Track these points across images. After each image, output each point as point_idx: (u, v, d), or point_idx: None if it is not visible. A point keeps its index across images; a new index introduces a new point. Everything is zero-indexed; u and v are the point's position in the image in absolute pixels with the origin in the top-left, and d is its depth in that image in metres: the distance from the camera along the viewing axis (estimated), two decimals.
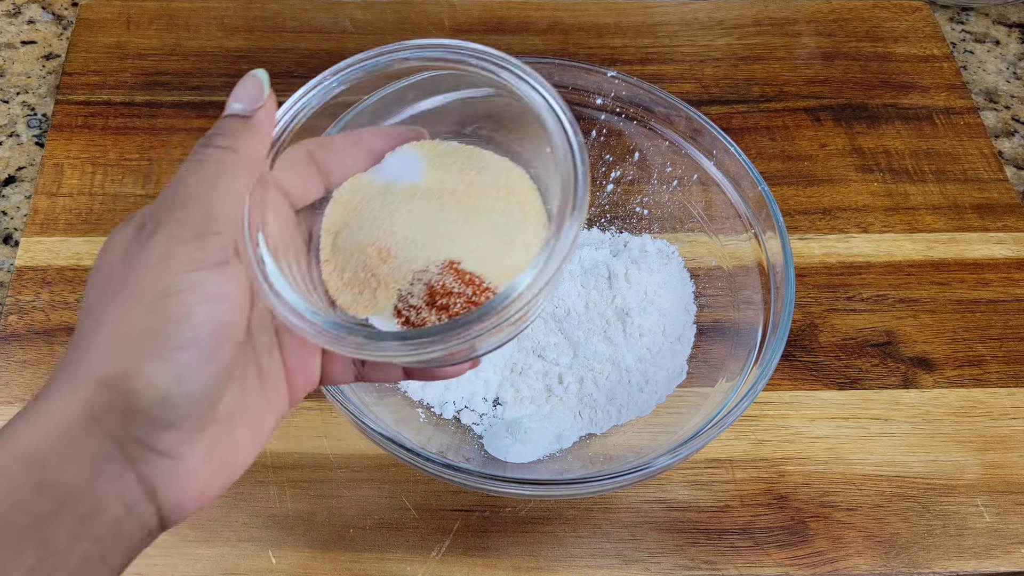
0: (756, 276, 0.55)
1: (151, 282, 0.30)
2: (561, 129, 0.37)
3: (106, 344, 0.30)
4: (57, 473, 0.29)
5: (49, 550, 0.28)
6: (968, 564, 0.52)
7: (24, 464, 0.29)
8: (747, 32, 0.77)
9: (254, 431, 0.34)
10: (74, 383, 0.30)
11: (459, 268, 0.39)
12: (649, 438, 0.53)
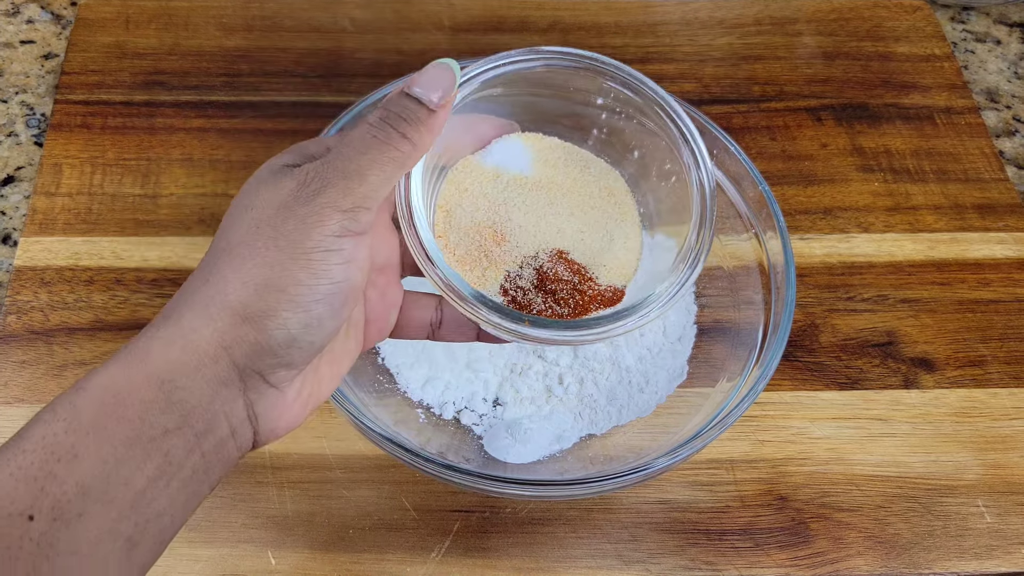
0: (757, 276, 0.55)
1: (305, 237, 0.34)
2: (696, 163, 0.44)
3: (251, 283, 0.33)
4: (184, 392, 0.32)
5: (168, 461, 0.32)
6: (969, 565, 0.52)
7: (156, 383, 0.32)
8: (748, 31, 0.77)
9: (335, 371, 0.39)
10: (211, 314, 0.33)
11: (568, 258, 0.43)
12: (649, 439, 0.53)
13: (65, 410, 0.31)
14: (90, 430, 0.30)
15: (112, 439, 0.30)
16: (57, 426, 0.30)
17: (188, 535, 0.51)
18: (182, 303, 0.34)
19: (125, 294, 0.60)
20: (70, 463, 0.30)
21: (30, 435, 0.30)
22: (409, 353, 0.56)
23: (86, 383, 0.32)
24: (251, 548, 0.51)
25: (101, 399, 0.31)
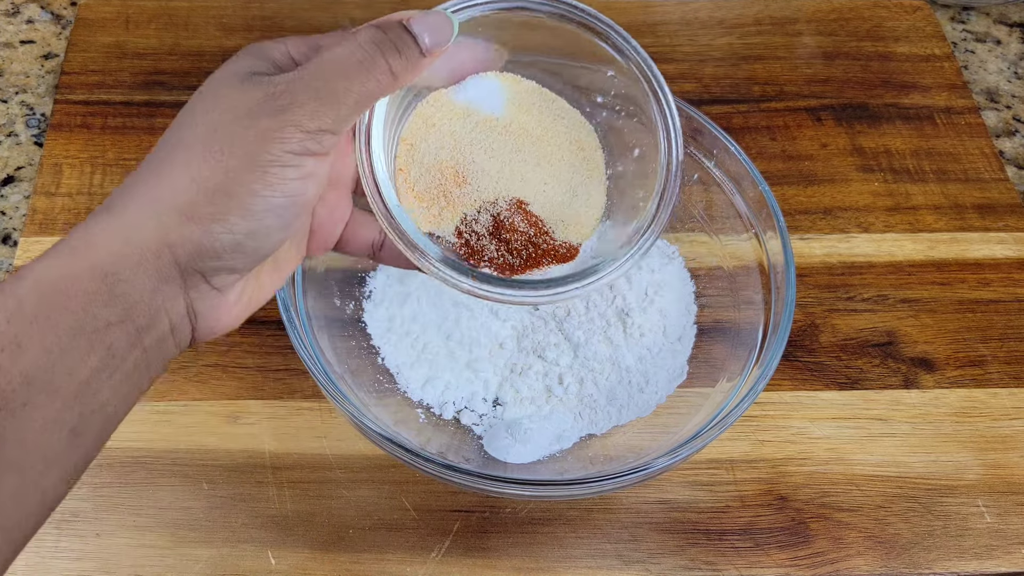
0: (757, 276, 0.55)
1: (264, 150, 0.33)
2: (666, 127, 0.43)
3: (202, 185, 0.33)
4: (126, 286, 0.32)
5: (111, 354, 0.32)
6: (969, 565, 0.52)
7: (99, 275, 0.32)
8: (748, 31, 0.77)
9: (276, 278, 0.39)
10: (156, 210, 0.33)
11: (527, 209, 0.43)
12: (649, 438, 0.53)
13: (6, 300, 0.30)
14: (33, 320, 0.30)
15: (56, 329, 0.30)
16: (0, 315, 0.30)
17: (188, 535, 0.51)
18: (127, 196, 0.33)
19: None
20: (13, 353, 0.30)
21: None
22: (409, 353, 0.56)
23: (26, 273, 0.31)
24: (251, 548, 0.51)
25: (43, 290, 0.31)
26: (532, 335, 0.56)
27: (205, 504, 0.52)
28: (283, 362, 0.57)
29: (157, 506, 0.52)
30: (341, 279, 0.57)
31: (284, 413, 0.56)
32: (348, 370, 0.53)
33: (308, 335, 0.50)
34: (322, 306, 0.55)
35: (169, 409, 0.55)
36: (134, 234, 0.33)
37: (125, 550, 0.51)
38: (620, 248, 0.42)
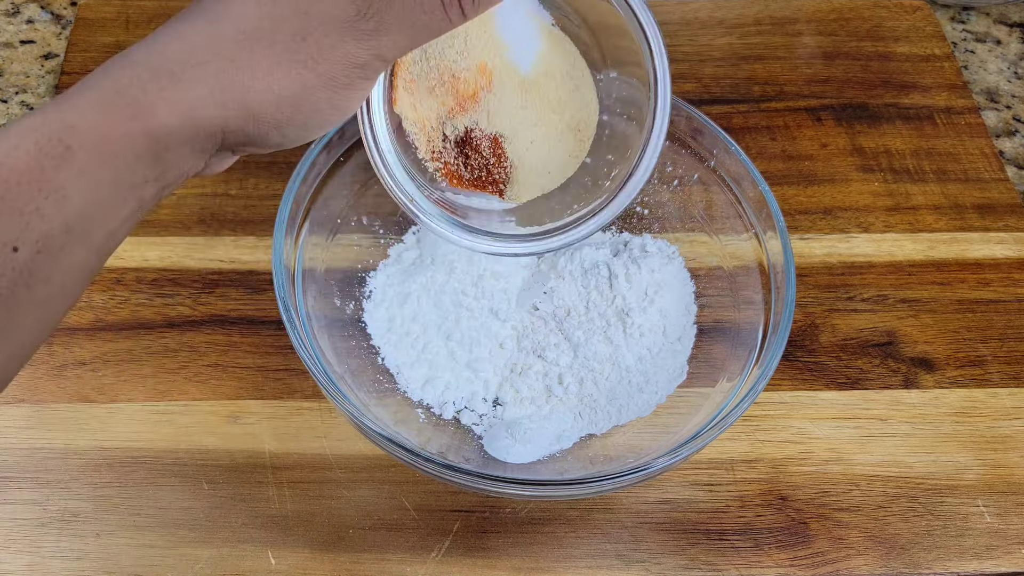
0: (757, 276, 0.55)
1: (343, 73, 0.35)
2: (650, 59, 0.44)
3: (277, 94, 0.34)
4: (172, 155, 0.33)
5: (140, 205, 0.33)
6: (969, 565, 0.52)
7: (151, 141, 0.32)
8: (748, 31, 0.77)
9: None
10: (225, 100, 0.33)
11: (500, 143, 0.45)
12: (649, 438, 0.53)
13: (54, 146, 0.31)
14: (81, 172, 0.31)
15: (100, 183, 0.31)
16: (47, 162, 0.30)
17: (188, 535, 0.51)
18: (198, 67, 0.33)
19: (125, 294, 0.60)
20: (59, 201, 0.30)
21: (18, 166, 0.30)
22: (409, 353, 0.56)
23: (78, 120, 0.31)
24: (251, 548, 0.51)
25: (94, 144, 0.31)
26: (532, 335, 0.56)
27: (205, 504, 0.52)
28: (283, 362, 0.57)
29: (157, 506, 0.52)
30: (341, 279, 0.57)
31: (284, 413, 0.56)
32: (348, 370, 0.53)
33: (308, 335, 0.50)
34: (322, 306, 0.55)
35: (169, 409, 0.55)
36: (195, 115, 0.33)
37: (125, 550, 0.51)
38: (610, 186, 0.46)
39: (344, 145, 0.56)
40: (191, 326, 0.59)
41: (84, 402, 0.55)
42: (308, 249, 0.54)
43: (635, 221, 0.61)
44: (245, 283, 0.61)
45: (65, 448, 0.54)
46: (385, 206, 0.60)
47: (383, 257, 0.60)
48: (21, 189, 0.30)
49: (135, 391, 0.56)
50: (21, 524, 0.51)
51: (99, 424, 0.55)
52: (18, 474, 0.53)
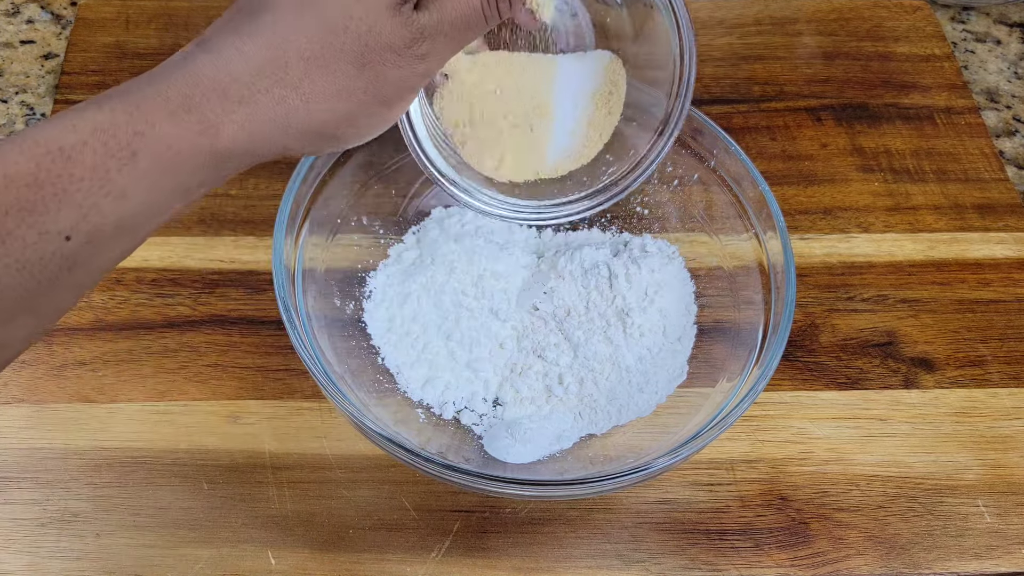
0: (757, 276, 0.55)
1: (398, 94, 0.37)
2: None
3: (337, 116, 0.36)
4: (232, 164, 0.35)
5: (188, 202, 0.35)
6: (969, 565, 0.52)
7: (216, 157, 0.34)
8: (748, 31, 0.77)
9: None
10: (288, 127, 0.35)
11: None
12: (649, 438, 0.53)
13: (121, 151, 0.32)
14: (143, 176, 0.32)
15: (161, 188, 0.33)
16: (113, 164, 0.31)
17: (188, 535, 0.51)
18: (263, 93, 0.34)
19: (125, 294, 0.60)
20: (117, 200, 0.32)
21: (85, 162, 0.31)
22: (409, 353, 0.56)
23: (148, 130, 0.32)
24: (251, 548, 0.51)
25: (160, 153, 0.32)
26: (532, 335, 0.56)
27: (205, 504, 0.52)
28: (283, 362, 0.57)
29: (157, 506, 0.52)
30: (341, 279, 0.57)
31: (284, 413, 0.56)
32: (348, 370, 0.53)
33: (308, 335, 0.50)
34: (322, 306, 0.55)
35: (169, 409, 0.55)
36: (259, 138, 0.35)
37: (125, 550, 0.51)
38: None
39: None
40: (191, 326, 0.59)
41: (84, 402, 0.55)
42: (308, 249, 0.54)
43: (635, 221, 0.61)
44: (245, 283, 0.61)
45: (65, 448, 0.54)
46: (385, 206, 0.60)
47: (383, 257, 0.60)
48: (83, 185, 0.31)
49: (135, 391, 0.56)
50: (21, 524, 0.51)
51: (99, 424, 0.55)
52: (18, 474, 0.53)
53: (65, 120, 0.31)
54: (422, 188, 0.61)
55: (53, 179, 0.30)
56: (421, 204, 0.61)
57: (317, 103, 0.35)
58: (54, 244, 0.31)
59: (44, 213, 0.30)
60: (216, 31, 0.35)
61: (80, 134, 0.31)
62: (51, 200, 0.30)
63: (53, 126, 0.31)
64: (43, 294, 0.32)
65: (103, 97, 0.33)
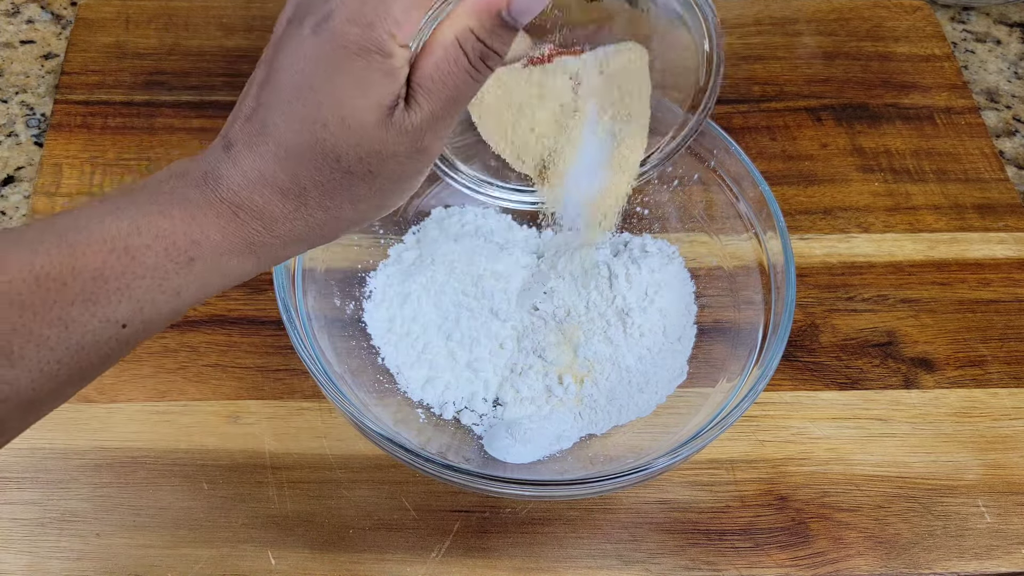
0: (757, 276, 0.55)
1: (407, 190, 0.39)
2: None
3: (344, 220, 0.37)
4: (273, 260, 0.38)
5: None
6: (969, 565, 0.52)
7: (259, 258, 0.37)
8: (748, 31, 0.77)
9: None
10: (320, 235, 0.37)
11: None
12: (649, 439, 0.53)
13: (182, 258, 0.34)
14: (198, 278, 0.35)
15: (211, 286, 0.36)
16: (171, 267, 0.34)
17: (188, 535, 0.51)
18: (300, 212, 0.36)
19: None
20: (173, 297, 0.35)
21: (147, 263, 0.34)
22: (409, 353, 0.56)
23: (204, 240, 0.35)
24: (251, 548, 0.51)
25: (215, 259, 0.35)
26: (532, 335, 0.56)
27: (205, 504, 0.52)
28: (283, 362, 0.57)
29: (157, 506, 0.52)
30: (341, 279, 0.57)
31: (284, 413, 0.56)
32: (348, 370, 0.53)
33: (308, 335, 0.50)
34: (322, 306, 0.55)
35: (169, 409, 0.55)
36: (300, 246, 0.38)
37: (125, 550, 0.51)
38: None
39: None
40: (191, 326, 0.59)
41: (84, 402, 0.55)
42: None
43: (635, 221, 0.61)
44: (245, 283, 0.60)
45: (65, 448, 0.54)
46: None
47: (383, 257, 0.60)
48: (143, 283, 0.34)
49: (135, 391, 0.56)
50: (21, 524, 0.51)
51: (99, 424, 0.55)
52: (18, 474, 0.53)
53: (130, 220, 0.34)
54: (422, 188, 0.61)
55: (117, 275, 0.33)
56: (421, 204, 0.61)
57: (345, 213, 0.37)
58: (112, 331, 0.34)
59: (106, 305, 0.33)
60: (238, 139, 0.36)
61: (144, 238, 0.34)
62: (114, 294, 0.33)
63: (119, 222, 0.34)
64: (94, 370, 0.35)
65: (163, 192, 0.35)
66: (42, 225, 0.34)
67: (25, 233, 0.33)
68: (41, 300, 0.32)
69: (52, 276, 0.32)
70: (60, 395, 0.34)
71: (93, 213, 0.34)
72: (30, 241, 0.33)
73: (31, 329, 0.32)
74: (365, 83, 0.34)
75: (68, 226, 0.33)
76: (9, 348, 0.32)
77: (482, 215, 0.61)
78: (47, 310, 0.32)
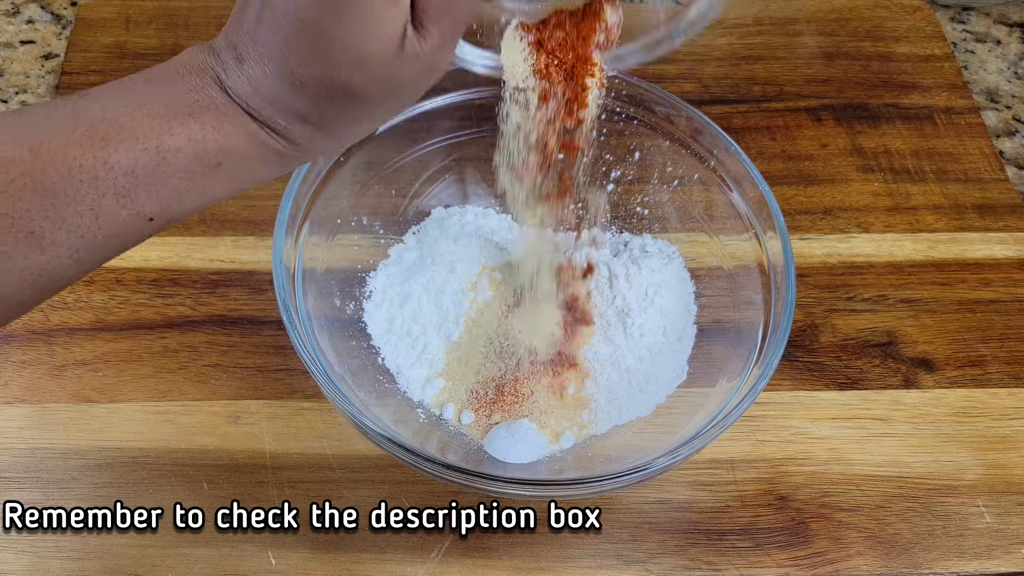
0: (757, 276, 0.55)
1: (410, 101, 0.38)
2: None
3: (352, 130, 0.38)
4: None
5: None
6: (969, 565, 0.52)
7: (281, 157, 0.37)
8: (748, 31, 0.77)
9: None
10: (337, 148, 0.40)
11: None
12: (649, 438, 0.53)
13: (211, 161, 0.35)
14: (225, 180, 0.36)
15: (236, 188, 0.37)
16: (199, 170, 0.35)
17: (187, 535, 0.51)
18: (318, 134, 0.37)
19: (125, 294, 0.60)
20: (199, 196, 0.36)
21: (176, 164, 0.34)
22: (410, 353, 0.56)
23: (230, 147, 0.35)
24: (251, 548, 0.51)
25: (241, 162, 0.36)
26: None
27: (206, 504, 0.52)
28: (283, 362, 0.57)
29: (157, 506, 0.52)
30: (342, 280, 0.57)
31: (284, 413, 0.56)
32: (348, 370, 0.53)
33: (308, 335, 0.50)
34: (322, 306, 0.55)
35: (169, 409, 0.55)
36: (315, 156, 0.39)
37: (125, 550, 0.51)
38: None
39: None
40: (191, 326, 0.59)
41: (85, 402, 0.55)
42: (308, 249, 0.54)
43: (635, 221, 0.61)
44: (245, 283, 0.61)
45: (66, 448, 0.54)
46: (385, 206, 0.60)
47: (383, 257, 0.60)
48: (171, 182, 0.35)
49: (136, 391, 0.56)
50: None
51: (100, 424, 0.55)
52: (18, 474, 0.53)
53: (162, 119, 0.34)
54: (422, 188, 0.61)
55: (148, 172, 0.34)
56: (421, 204, 0.61)
57: (359, 128, 0.38)
58: (140, 223, 0.35)
59: (136, 200, 0.34)
60: (248, 54, 0.36)
61: (176, 139, 0.34)
62: (143, 189, 0.34)
63: (151, 119, 0.34)
64: (116, 253, 0.36)
65: (190, 91, 0.35)
66: (71, 108, 0.34)
67: (56, 119, 0.34)
68: (74, 191, 0.33)
69: (85, 168, 0.33)
70: (81, 276, 0.36)
71: (123, 101, 0.35)
72: (63, 129, 0.33)
73: (64, 218, 0.33)
74: (372, 19, 0.34)
75: (99, 116, 0.34)
76: (41, 234, 0.33)
77: (482, 215, 0.61)
78: (79, 201, 0.33)
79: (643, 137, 0.59)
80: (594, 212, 0.59)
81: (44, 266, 0.33)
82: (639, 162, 0.60)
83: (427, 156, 0.61)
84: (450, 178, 0.62)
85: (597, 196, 0.59)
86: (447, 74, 0.42)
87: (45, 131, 0.33)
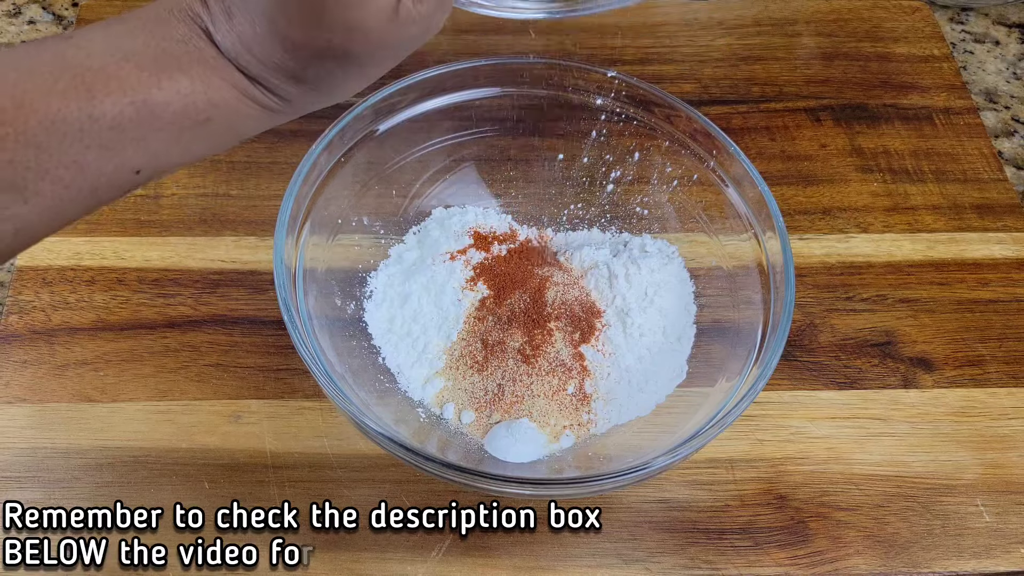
0: (756, 276, 0.55)
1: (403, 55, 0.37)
2: None
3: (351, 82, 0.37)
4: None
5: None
6: (968, 564, 0.52)
7: (269, 114, 0.37)
8: (747, 32, 0.77)
9: None
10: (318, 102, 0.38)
11: None
12: (649, 438, 0.53)
13: (200, 117, 0.35)
14: (212, 135, 0.36)
15: (224, 143, 0.37)
16: (187, 124, 0.35)
17: (188, 535, 0.51)
18: (303, 96, 0.37)
19: (127, 294, 0.60)
20: (185, 150, 0.35)
21: (165, 117, 0.34)
22: (410, 353, 0.56)
23: (219, 101, 0.35)
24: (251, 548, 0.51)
25: (229, 119, 0.36)
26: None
27: (206, 503, 0.52)
28: (284, 362, 0.58)
29: (158, 505, 0.52)
30: (342, 279, 0.58)
31: (285, 412, 0.56)
32: (349, 370, 0.53)
33: (309, 335, 0.50)
34: (323, 306, 0.55)
35: (170, 408, 0.56)
36: (294, 117, 0.38)
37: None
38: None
39: (345, 146, 0.56)
40: (192, 326, 0.59)
41: (86, 402, 0.55)
42: (309, 249, 0.54)
43: (635, 221, 0.62)
44: (246, 283, 0.61)
45: (66, 448, 0.54)
46: (386, 206, 0.61)
47: (384, 257, 0.60)
48: (158, 136, 0.34)
49: (136, 391, 0.56)
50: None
51: (100, 424, 0.55)
52: (19, 473, 0.53)
53: (149, 71, 0.34)
54: (422, 188, 0.61)
55: (135, 126, 0.33)
56: (422, 204, 0.61)
57: (353, 85, 0.37)
58: (126, 175, 0.34)
59: (122, 153, 0.33)
60: (236, 8, 0.35)
61: (165, 93, 0.33)
62: (130, 143, 0.33)
63: (139, 71, 0.33)
64: (102, 204, 0.35)
65: (178, 41, 0.34)
66: (54, 53, 0.33)
67: (39, 66, 0.33)
68: (58, 143, 0.32)
69: (69, 121, 0.32)
70: (65, 226, 0.35)
71: (109, 49, 0.34)
72: (46, 78, 0.32)
73: (47, 169, 0.32)
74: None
75: (84, 64, 0.33)
76: (24, 185, 0.32)
77: (483, 215, 0.61)
78: (63, 153, 0.32)
79: (643, 137, 0.60)
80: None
81: (26, 216, 0.33)
82: (639, 162, 0.60)
83: (428, 156, 0.61)
84: (451, 178, 0.62)
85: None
86: (447, 74, 0.43)
87: (28, 78, 0.32)
